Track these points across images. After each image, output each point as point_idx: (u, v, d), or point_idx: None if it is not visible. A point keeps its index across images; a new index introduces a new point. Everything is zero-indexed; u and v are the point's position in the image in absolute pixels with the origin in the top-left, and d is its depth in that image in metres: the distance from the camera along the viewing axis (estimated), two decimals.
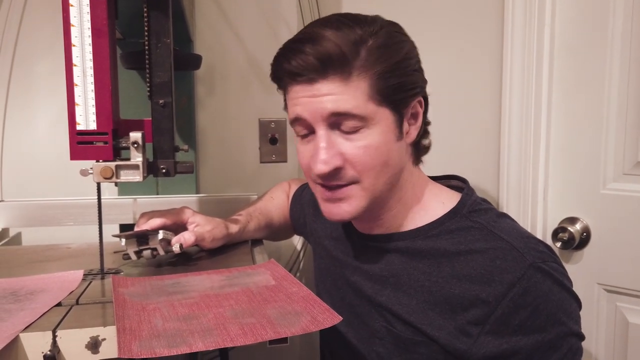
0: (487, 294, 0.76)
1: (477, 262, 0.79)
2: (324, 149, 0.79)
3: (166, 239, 0.95)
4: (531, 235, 0.84)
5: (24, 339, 0.65)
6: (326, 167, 0.79)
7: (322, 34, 0.76)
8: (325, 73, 0.77)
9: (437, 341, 0.79)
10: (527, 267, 0.75)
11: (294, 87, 0.81)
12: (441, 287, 0.80)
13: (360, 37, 0.77)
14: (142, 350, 0.60)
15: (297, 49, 0.78)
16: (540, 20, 1.24)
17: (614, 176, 1.20)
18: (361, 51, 0.77)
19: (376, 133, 0.79)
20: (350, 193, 0.81)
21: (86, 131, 0.86)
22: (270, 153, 1.52)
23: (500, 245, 0.79)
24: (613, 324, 1.22)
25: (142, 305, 0.74)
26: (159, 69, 0.91)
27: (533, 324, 0.74)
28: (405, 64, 0.81)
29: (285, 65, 0.79)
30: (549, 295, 0.75)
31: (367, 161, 0.79)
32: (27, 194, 1.35)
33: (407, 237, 0.87)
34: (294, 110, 0.82)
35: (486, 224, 0.82)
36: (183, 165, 0.94)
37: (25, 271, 0.92)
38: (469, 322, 0.77)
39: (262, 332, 0.64)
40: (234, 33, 1.48)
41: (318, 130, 0.80)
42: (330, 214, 0.85)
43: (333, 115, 0.78)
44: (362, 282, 0.91)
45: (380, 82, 0.78)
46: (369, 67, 0.77)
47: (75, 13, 0.84)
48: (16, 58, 1.36)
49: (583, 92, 1.23)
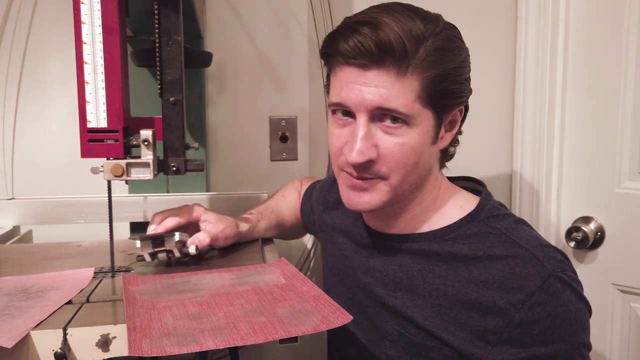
0: (505, 302, 0.75)
1: (496, 269, 0.77)
2: (362, 139, 0.77)
3: (182, 240, 0.95)
4: (549, 243, 0.82)
5: (35, 336, 0.65)
6: (361, 158, 0.77)
7: (384, 21, 0.73)
8: (382, 62, 0.74)
9: (451, 346, 0.78)
10: (547, 277, 0.74)
11: (344, 69, 0.78)
12: (457, 292, 0.79)
13: (422, 33, 0.75)
14: (153, 348, 0.60)
15: (357, 30, 0.74)
16: (555, 17, 1.23)
17: (629, 175, 1.18)
18: (420, 49, 0.75)
19: (415, 133, 0.77)
20: (376, 186, 0.80)
21: (97, 129, 0.86)
22: (280, 151, 1.51)
23: (520, 253, 0.77)
24: (627, 325, 1.21)
25: (153, 303, 0.74)
26: (170, 66, 0.91)
27: (552, 334, 0.73)
28: (459, 72, 0.80)
29: (341, 44, 0.76)
30: (568, 306, 0.74)
31: (400, 159, 0.78)
32: (38, 191, 1.36)
33: (423, 239, 0.86)
34: (339, 94, 0.79)
35: (505, 231, 0.81)
36: (193, 163, 0.94)
37: (36, 269, 0.92)
38: (486, 329, 0.75)
39: (273, 331, 0.63)
40: (245, 30, 1.48)
41: (359, 117, 0.77)
42: (351, 201, 0.83)
43: (379, 108, 0.76)
44: (373, 283, 0.90)
45: (431, 85, 0.76)
46: (424, 68, 0.75)
47: (86, 10, 0.84)
48: (27, 55, 1.36)
49: (598, 90, 1.21)
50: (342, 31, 0.77)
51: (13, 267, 0.95)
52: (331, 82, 0.83)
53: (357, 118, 0.78)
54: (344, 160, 0.80)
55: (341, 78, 0.79)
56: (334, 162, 0.85)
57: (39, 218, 1.28)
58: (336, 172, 0.86)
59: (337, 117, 0.82)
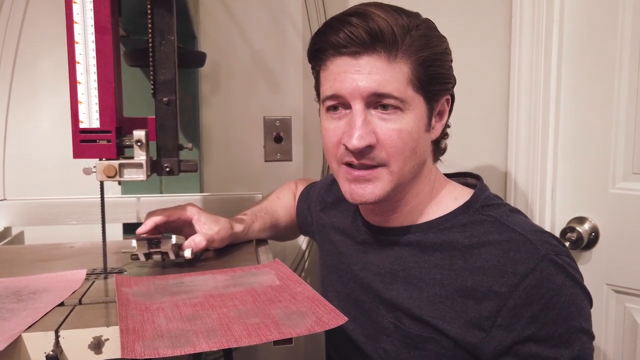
0: (499, 285, 0.75)
1: (491, 254, 0.78)
2: (361, 125, 0.78)
3: (178, 243, 0.94)
4: (544, 230, 0.83)
5: (27, 338, 0.64)
6: (362, 142, 0.78)
7: (372, 11, 0.77)
8: (373, 48, 0.77)
9: (447, 335, 0.78)
10: (541, 259, 0.75)
11: (336, 60, 0.80)
12: (453, 280, 0.80)
13: (407, 24, 0.79)
14: (146, 350, 0.59)
15: (346, 21, 0.77)
16: (549, 17, 1.23)
17: (624, 175, 1.19)
18: (406, 36, 0.78)
19: (410, 118, 0.80)
20: (378, 175, 0.81)
21: (89, 129, 0.85)
22: (275, 151, 1.51)
23: (514, 237, 0.78)
24: (622, 325, 1.21)
25: (146, 305, 0.73)
26: (163, 66, 0.91)
27: (545, 317, 0.73)
28: (444, 58, 0.84)
29: (331, 36, 0.79)
30: (562, 289, 0.74)
31: (398, 144, 0.79)
32: (29, 192, 1.35)
33: (418, 230, 0.87)
34: (332, 85, 0.81)
35: (499, 217, 0.82)
36: (187, 163, 0.94)
37: (27, 270, 0.91)
38: (481, 315, 0.76)
39: (267, 333, 0.63)
40: (239, 30, 1.48)
41: (355, 106, 0.79)
42: (354, 194, 0.84)
43: (374, 94, 0.78)
44: (370, 277, 0.90)
45: (421, 69, 0.79)
46: (413, 52, 0.79)
47: (79, 10, 0.83)
48: (19, 55, 1.35)
49: (592, 90, 1.22)
50: (331, 24, 0.80)
51: (4, 269, 0.94)
52: (322, 77, 0.85)
53: (353, 106, 0.79)
54: (343, 151, 0.81)
55: (333, 70, 0.81)
56: (331, 158, 0.86)
57: (30, 219, 1.27)
58: (335, 169, 0.86)
59: (331, 113, 0.83)
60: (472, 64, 1.39)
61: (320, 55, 0.83)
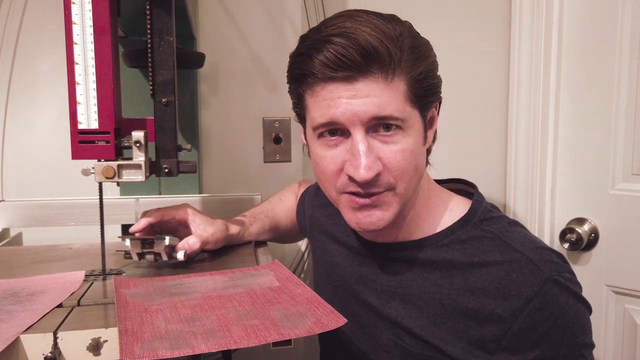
0: (503, 309, 0.74)
1: (492, 276, 0.76)
2: (366, 154, 0.73)
3: (172, 245, 0.94)
4: (544, 244, 0.81)
5: (25, 340, 0.64)
6: (370, 173, 0.73)
7: (357, 27, 0.70)
8: (368, 70, 0.71)
9: (450, 356, 0.77)
10: (544, 281, 0.73)
11: (327, 86, 0.73)
12: (454, 300, 0.78)
13: (393, 33, 0.72)
14: (145, 352, 0.59)
15: (333, 43, 0.70)
16: (548, 18, 1.23)
17: (623, 176, 1.19)
18: (398, 49, 0.72)
19: (410, 136, 0.75)
20: (384, 200, 0.77)
21: (88, 130, 0.85)
22: (274, 152, 1.51)
23: (516, 258, 0.76)
24: (621, 326, 1.21)
25: (145, 306, 0.73)
26: (162, 67, 0.90)
27: (551, 338, 0.72)
28: (435, 66, 0.79)
29: (317, 60, 0.72)
30: (566, 309, 0.73)
31: (403, 165, 0.75)
32: (28, 193, 1.35)
33: (415, 247, 0.84)
34: (325, 112, 0.74)
35: (499, 234, 0.79)
36: (186, 164, 0.93)
37: (26, 272, 0.91)
38: (484, 338, 0.75)
39: (266, 334, 0.63)
40: (238, 31, 1.47)
41: (355, 133, 0.73)
42: (361, 223, 0.78)
43: (374, 118, 0.73)
44: (366, 292, 0.88)
45: (416, 84, 0.75)
46: (408, 69, 0.73)
47: (77, 11, 0.83)
48: (17, 56, 1.35)
49: (591, 91, 1.22)
50: (316, 46, 0.73)
51: (2, 270, 0.93)
52: (309, 103, 0.78)
53: (352, 134, 0.74)
54: (345, 181, 0.76)
55: (324, 96, 0.74)
56: (329, 187, 0.80)
57: (29, 220, 1.27)
58: (334, 197, 0.81)
59: (325, 139, 0.77)
60: (471, 65, 1.39)
61: (304, 80, 0.76)
